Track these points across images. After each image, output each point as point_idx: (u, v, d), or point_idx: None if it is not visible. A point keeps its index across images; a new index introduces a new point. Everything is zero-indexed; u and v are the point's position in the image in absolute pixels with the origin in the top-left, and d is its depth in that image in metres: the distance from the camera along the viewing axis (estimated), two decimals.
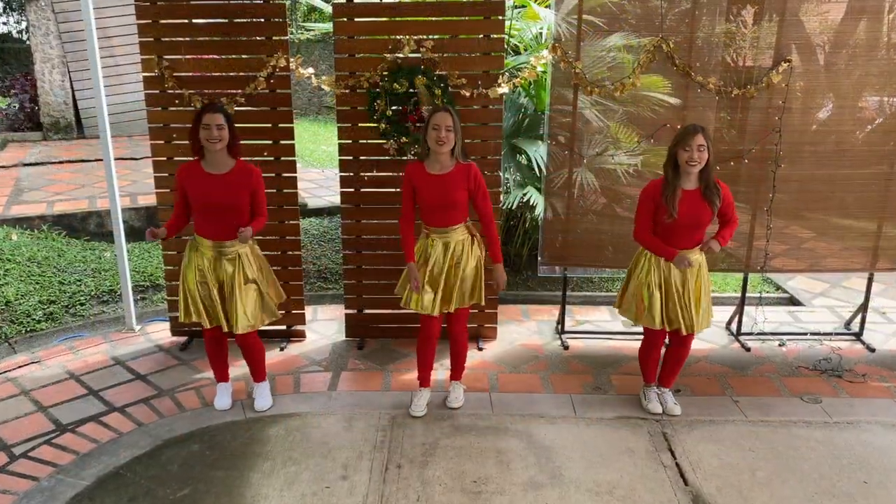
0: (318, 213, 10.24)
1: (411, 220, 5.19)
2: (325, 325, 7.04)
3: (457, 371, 5.63)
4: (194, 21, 6.02)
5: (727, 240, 5.11)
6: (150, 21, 6.00)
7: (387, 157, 6.19)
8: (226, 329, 5.16)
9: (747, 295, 6.90)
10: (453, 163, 5.07)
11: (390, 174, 6.22)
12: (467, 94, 5.99)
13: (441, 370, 6.06)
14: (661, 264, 5.13)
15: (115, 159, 6.65)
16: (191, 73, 6.05)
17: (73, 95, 14.16)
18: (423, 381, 5.53)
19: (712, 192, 4.97)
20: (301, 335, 6.72)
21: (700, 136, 4.84)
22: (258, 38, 6.00)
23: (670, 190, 4.97)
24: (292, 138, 6.18)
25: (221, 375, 5.52)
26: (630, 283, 5.30)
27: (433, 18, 6.02)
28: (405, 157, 6.14)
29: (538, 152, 7.13)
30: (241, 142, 5.69)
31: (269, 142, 6.18)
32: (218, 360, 5.46)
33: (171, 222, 5.12)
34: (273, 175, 6.19)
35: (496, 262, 5.30)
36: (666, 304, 5.16)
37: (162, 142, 6.21)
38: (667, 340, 5.47)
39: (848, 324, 7.07)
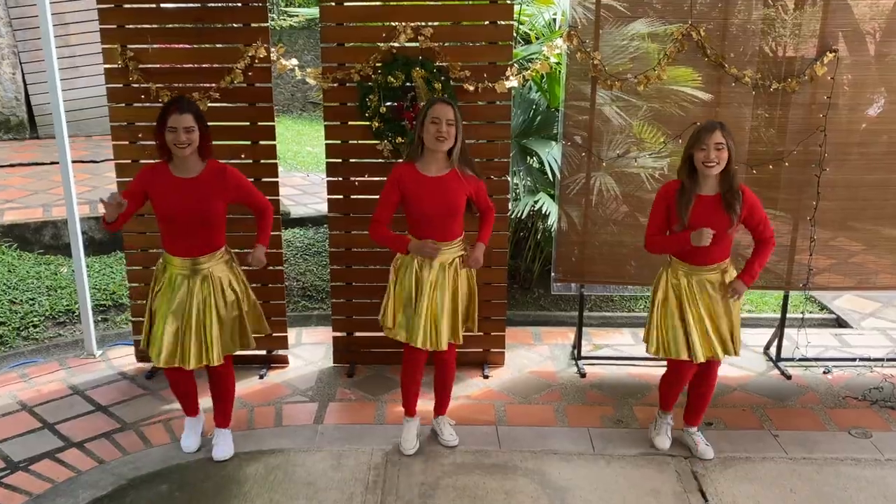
0: (303, 222, 10.22)
1: (386, 228, 5.13)
2: (310, 350, 7.05)
3: (442, 404, 5.60)
4: (162, 5, 6.03)
5: (757, 273, 5.07)
6: (112, 5, 6.00)
7: (380, 160, 6.20)
8: (197, 364, 5.01)
9: (788, 316, 6.88)
10: (449, 167, 5.05)
11: (384, 179, 6.15)
12: (471, 88, 6.02)
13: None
14: (681, 281, 5.11)
15: (73, 162, 6.65)
16: (158, 65, 6.05)
17: (26, 90, 14.17)
18: (409, 409, 5.49)
19: (732, 197, 4.91)
20: (283, 361, 6.74)
21: (718, 132, 4.80)
22: (235, 25, 6.04)
23: (685, 197, 4.95)
24: (273, 138, 6.20)
25: (191, 409, 5.48)
26: (653, 312, 5.26)
27: (433, 3, 6.07)
28: (401, 160, 6.07)
29: (551, 154, 7.15)
30: (216, 142, 5.72)
31: (248, 142, 6.19)
32: (186, 395, 5.39)
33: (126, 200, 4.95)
34: (252, 180, 6.05)
35: (479, 242, 5.21)
36: (687, 330, 5.10)
37: (125, 142, 6.21)
38: None
39: None
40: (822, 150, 6.14)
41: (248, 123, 6.16)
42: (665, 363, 5.39)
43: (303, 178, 12.42)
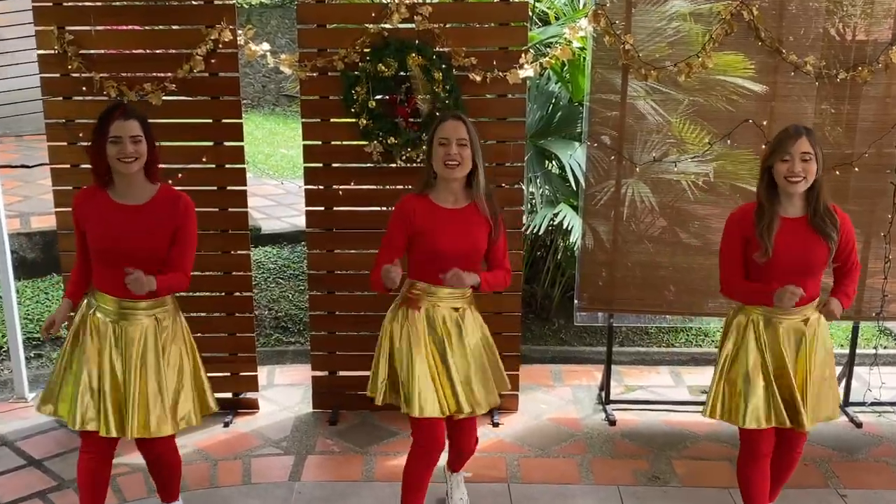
0: (276, 240, 10.19)
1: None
2: (284, 393, 7.05)
3: (459, 461, 5.46)
4: None
5: (852, 297, 4.94)
6: None
7: (369, 164, 6.19)
8: (122, 435, 4.70)
9: (858, 351, 6.87)
10: (468, 198, 4.95)
11: (373, 187, 6.26)
12: (478, 78, 5.99)
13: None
14: (763, 338, 4.90)
15: (0, 167, 6.61)
16: (103, 51, 6.03)
17: None
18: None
19: (825, 220, 4.74)
20: (253, 406, 6.72)
21: (804, 139, 4.64)
22: (194, 2, 6.04)
23: (766, 218, 4.75)
24: (241, 139, 6.20)
25: None
26: (721, 369, 5.03)
27: None
28: (393, 165, 6.14)
29: (574, 157, 7.17)
30: (172, 143, 5.68)
31: (210, 143, 6.18)
32: (96, 489, 4.86)
33: (74, 280, 4.89)
34: (214, 189, 6.23)
35: (480, 277, 4.96)
36: (770, 393, 4.88)
37: (63, 143, 6.18)
38: None
39: None
40: None
41: (210, 120, 6.15)
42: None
43: (276, 187, 12.42)
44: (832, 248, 4.75)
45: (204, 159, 6.17)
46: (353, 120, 6.08)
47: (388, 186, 6.20)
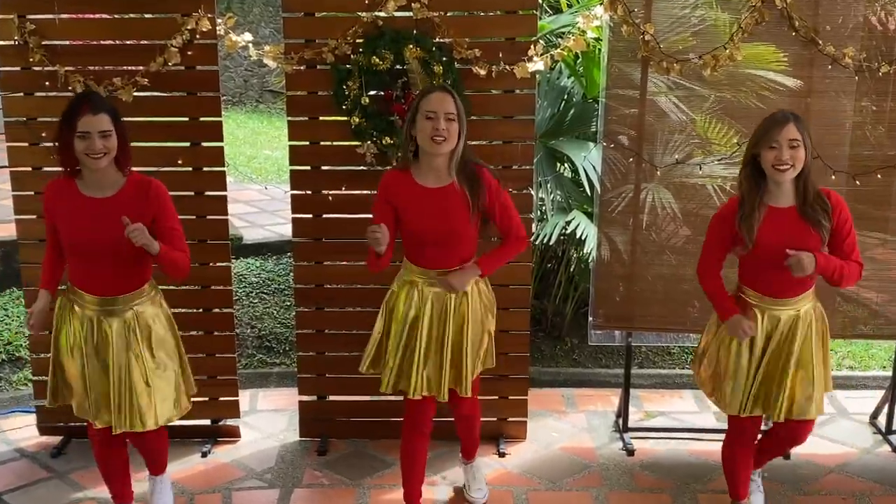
0: (260, 250, 10.18)
1: (386, 263, 5.19)
2: (269, 419, 7.04)
3: (471, 449, 5.78)
4: None
5: (835, 269, 4.95)
6: None
7: (362, 167, 6.18)
8: (116, 429, 5.01)
9: None
10: (452, 174, 5.09)
11: (366, 192, 6.21)
12: (483, 72, 5.95)
13: (442, 487, 6.03)
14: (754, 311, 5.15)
15: None
16: (68, 42, 6.02)
17: None
18: (412, 499, 5.50)
19: (815, 207, 4.92)
20: (233, 434, 6.70)
21: (792, 126, 4.81)
22: None
23: (746, 207, 4.96)
24: (221, 139, 6.21)
25: (121, 495, 5.43)
26: (707, 339, 5.37)
27: None
28: (388, 168, 6.03)
29: (588, 160, 7.16)
30: (144, 144, 5.63)
31: (186, 144, 6.19)
32: (114, 473, 5.37)
33: (46, 272, 5.09)
34: (191, 194, 6.21)
35: (479, 267, 5.24)
36: (755, 378, 5.16)
37: (24, 144, 6.17)
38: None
39: None
40: None
41: (186, 119, 6.16)
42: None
43: (259, 192, 12.48)
44: (824, 236, 4.93)
45: (179, 161, 6.17)
46: (345, 118, 6.07)
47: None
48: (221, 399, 6.50)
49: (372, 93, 6.02)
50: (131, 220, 4.72)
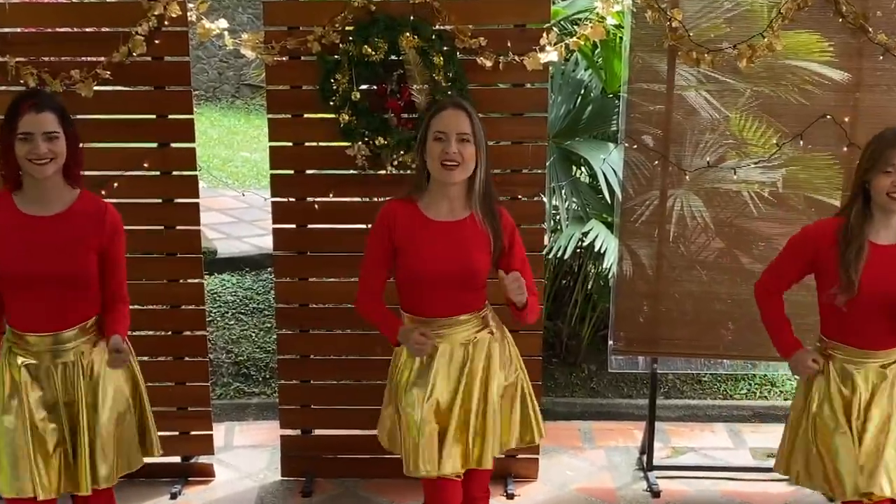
0: (236, 265, 10.27)
1: (379, 300, 5.01)
2: (247, 456, 7.03)
3: None
4: None
5: None
6: None
7: (352, 171, 6.16)
8: (65, 490, 4.83)
9: None
10: (468, 208, 4.90)
11: (356, 199, 6.24)
12: (489, 63, 5.91)
13: None
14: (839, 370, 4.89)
15: None
16: (20, 29, 6.04)
17: None
18: None
19: None
20: (207, 473, 6.66)
21: None
22: None
23: (854, 245, 4.71)
24: (192, 139, 6.21)
25: None
26: (796, 419, 5.09)
27: None
28: (382, 172, 6.10)
29: (608, 162, 7.17)
30: (107, 145, 5.54)
31: (153, 145, 6.18)
32: None
33: None
34: (159, 201, 6.24)
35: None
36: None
37: None
38: None
39: None
40: None
41: (153, 116, 6.15)
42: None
43: (236, 199, 12.55)
44: None
45: (146, 164, 6.17)
46: (333, 116, 6.04)
47: (374, 199, 6.15)
48: (193, 433, 6.45)
49: (363, 87, 5.98)
50: (77, 245, 4.66)
